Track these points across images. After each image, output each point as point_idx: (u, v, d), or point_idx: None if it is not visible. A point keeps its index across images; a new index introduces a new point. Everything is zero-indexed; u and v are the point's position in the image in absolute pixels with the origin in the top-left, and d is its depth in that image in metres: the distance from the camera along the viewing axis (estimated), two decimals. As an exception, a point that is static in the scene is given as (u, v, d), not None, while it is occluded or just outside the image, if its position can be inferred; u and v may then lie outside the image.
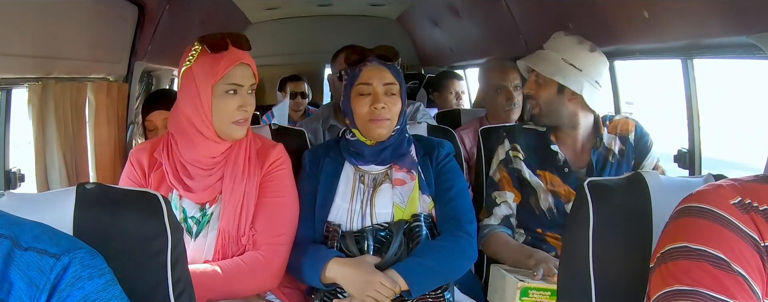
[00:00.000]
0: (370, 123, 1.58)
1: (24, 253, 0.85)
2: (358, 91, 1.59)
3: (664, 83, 2.07)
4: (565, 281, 1.18)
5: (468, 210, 1.62)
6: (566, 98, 1.76)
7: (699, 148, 2.00)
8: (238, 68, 1.47)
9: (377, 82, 1.58)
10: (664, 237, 0.91)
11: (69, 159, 2.02)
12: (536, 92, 1.80)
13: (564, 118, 1.79)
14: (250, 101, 1.50)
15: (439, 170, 1.64)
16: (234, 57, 1.46)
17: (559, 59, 1.76)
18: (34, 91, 1.83)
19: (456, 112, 3.04)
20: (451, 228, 1.57)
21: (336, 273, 1.50)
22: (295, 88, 3.92)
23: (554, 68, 1.76)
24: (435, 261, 1.51)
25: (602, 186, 1.14)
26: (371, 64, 1.59)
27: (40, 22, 1.69)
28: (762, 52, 1.43)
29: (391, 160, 1.63)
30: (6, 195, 1.05)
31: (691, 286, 0.82)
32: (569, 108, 1.77)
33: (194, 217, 1.50)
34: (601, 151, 1.79)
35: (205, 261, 1.48)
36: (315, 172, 1.63)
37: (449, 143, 1.71)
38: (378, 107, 1.56)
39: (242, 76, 1.48)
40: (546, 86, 1.78)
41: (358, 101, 1.59)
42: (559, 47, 1.79)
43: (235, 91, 1.47)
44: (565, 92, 1.76)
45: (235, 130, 1.49)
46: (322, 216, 1.59)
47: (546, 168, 1.79)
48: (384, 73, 1.59)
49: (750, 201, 0.86)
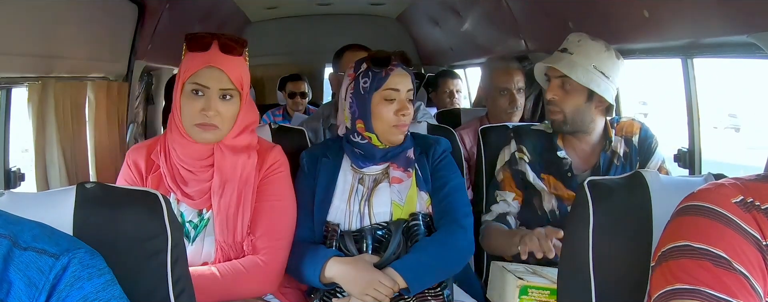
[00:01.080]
0: (393, 128, 1.57)
1: (23, 253, 0.85)
2: (383, 96, 1.56)
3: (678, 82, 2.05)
4: (566, 280, 1.18)
5: (463, 204, 1.62)
6: (594, 106, 1.72)
7: (699, 148, 2.00)
8: (207, 70, 1.41)
9: (403, 87, 1.57)
10: (665, 235, 0.91)
11: (69, 158, 2.02)
12: (562, 99, 1.72)
13: (586, 124, 1.75)
14: (216, 106, 1.42)
15: (434, 167, 1.64)
16: (205, 58, 1.41)
17: (590, 66, 1.69)
18: (34, 90, 1.84)
19: (456, 111, 3.04)
20: (447, 223, 1.57)
21: (335, 272, 1.50)
22: (295, 87, 3.92)
23: (588, 76, 1.69)
24: (431, 257, 1.51)
25: (602, 186, 1.14)
26: (397, 70, 1.58)
27: (40, 21, 1.69)
28: (762, 52, 1.43)
29: (390, 159, 1.63)
30: (6, 195, 1.05)
31: (692, 285, 0.82)
32: (592, 115, 1.73)
33: (192, 222, 1.48)
34: (609, 153, 1.78)
35: (204, 263, 1.47)
36: (313, 173, 1.63)
37: (446, 140, 1.70)
38: (406, 114, 1.56)
39: (209, 78, 1.41)
40: (575, 93, 1.71)
41: (382, 106, 1.56)
42: (590, 53, 1.71)
43: (200, 92, 1.42)
44: (593, 100, 1.71)
45: (197, 133, 1.44)
46: (321, 217, 1.59)
47: (550, 173, 1.77)
48: (407, 79, 1.59)
49: (752, 199, 0.86)
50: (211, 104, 1.42)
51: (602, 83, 1.69)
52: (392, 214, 1.57)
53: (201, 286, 1.34)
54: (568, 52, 1.73)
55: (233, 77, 1.43)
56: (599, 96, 1.70)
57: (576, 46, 1.73)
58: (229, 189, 1.47)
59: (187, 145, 1.47)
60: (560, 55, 1.73)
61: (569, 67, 1.69)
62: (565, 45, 1.75)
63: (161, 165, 1.49)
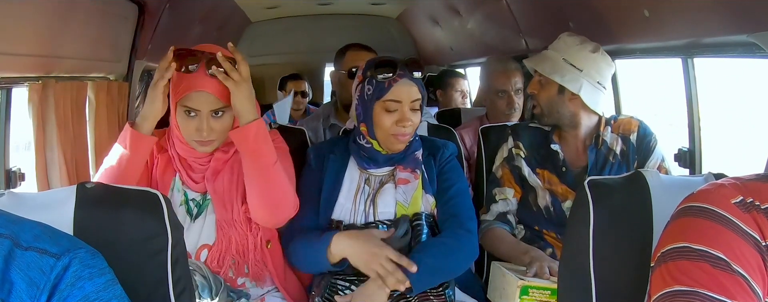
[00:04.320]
0: (392, 137, 1.56)
1: (24, 253, 0.85)
2: (384, 107, 1.54)
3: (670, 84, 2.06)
4: (566, 279, 1.18)
5: (468, 208, 1.63)
6: (566, 98, 1.77)
7: (699, 147, 2.00)
8: (195, 94, 1.42)
9: (406, 98, 1.53)
10: (664, 236, 0.91)
11: (69, 158, 2.02)
12: (539, 92, 1.81)
13: (565, 117, 1.79)
14: (209, 126, 1.44)
15: (441, 169, 1.64)
16: (192, 82, 1.41)
17: (559, 59, 1.77)
18: (35, 90, 1.84)
19: (456, 110, 3.04)
20: (452, 226, 1.57)
21: (342, 245, 1.48)
22: (296, 86, 3.92)
23: (553, 68, 1.77)
24: (437, 259, 1.51)
25: (602, 185, 1.14)
26: (402, 81, 1.53)
27: (40, 21, 1.69)
28: (762, 51, 1.43)
29: (396, 163, 1.63)
30: (6, 195, 1.05)
31: (691, 287, 0.82)
32: (570, 108, 1.78)
33: (195, 200, 1.53)
34: (602, 150, 1.79)
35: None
36: (319, 168, 1.64)
37: (453, 144, 1.71)
38: (407, 124, 1.54)
39: (198, 102, 1.43)
40: (547, 86, 1.79)
41: (382, 116, 1.55)
42: (561, 47, 1.79)
43: (193, 113, 1.44)
44: (565, 92, 1.77)
45: (197, 146, 1.49)
46: (326, 214, 1.59)
47: (545, 167, 1.80)
48: (413, 90, 1.54)
49: (752, 200, 0.86)
50: (204, 125, 1.44)
51: (568, 74, 1.75)
52: (396, 214, 1.58)
53: None
54: (547, 48, 1.83)
55: (223, 96, 1.43)
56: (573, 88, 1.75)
57: (555, 42, 1.83)
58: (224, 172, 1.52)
59: (188, 150, 1.53)
60: (541, 52, 1.85)
61: (539, 61, 1.82)
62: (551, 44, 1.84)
63: (170, 148, 1.54)
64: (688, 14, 1.61)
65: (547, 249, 1.71)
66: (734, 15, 1.45)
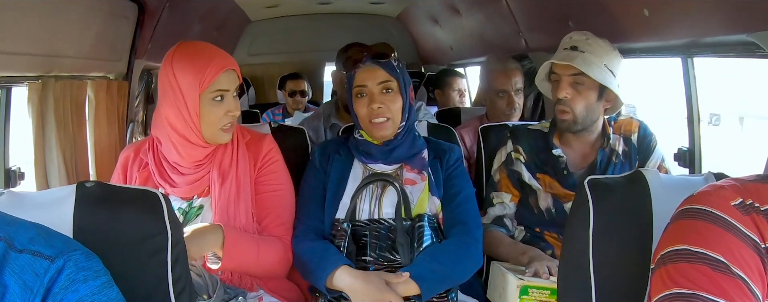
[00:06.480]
0: (371, 124, 1.59)
1: (19, 256, 0.83)
2: (355, 93, 1.60)
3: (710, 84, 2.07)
4: (566, 279, 1.18)
5: (475, 215, 1.62)
6: (602, 104, 1.71)
7: (699, 147, 2.00)
8: (224, 74, 1.46)
9: (371, 82, 1.58)
10: (664, 238, 0.91)
11: (69, 157, 2.02)
12: (574, 97, 1.69)
13: (593, 123, 1.74)
14: (235, 104, 1.49)
15: (448, 174, 1.64)
16: (220, 64, 1.45)
17: (602, 64, 1.68)
18: (34, 89, 1.83)
19: (456, 110, 3.04)
20: (459, 233, 1.57)
21: (345, 283, 1.46)
22: (295, 86, 3.92)
23: (603, 74, 1.67)
24: (445, 266, 1.50)
25: (602, 185, 1.13)
26: (365, 66, 1.60)
27: (40, 20, 1.69)
28: (762, 51, 1.43)
29: (403, 160, 1.63)
30: (6, 194, 1.05)
31: (690, 289, 0.82)
32: (599, 113, 1.73)
33: (180, 209, 1.51)
34: (607, 151, 1.77)
35: None
36: (324, 167, 1.64)
37: (458, 149, 1.71)
38: (374, 107, 1.56)
39: (228, 81, 1.47)
40: (586, 92, 1.68)
41: (357, 103, 1.60)
42: (600, 52, 1.69)
43: (222, 98, 1.47)
44: (602, 98, 1.70)
45: (223, 136, 1.50)
46: (331, 214, 1.59)
47: (546, 172, 1.77)
48: (377, 72, 1.58)
49: (752, 201, 0.86)
50: (233, 104, 1.49)
51: (613, 81, 1.69)
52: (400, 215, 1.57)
53: (234, 240, 1.40)
54: (579, 50, 1.69)
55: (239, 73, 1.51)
56: (608, 94, 1.70)
57: (586, 44, 1.70)
58: (229, 177, 1.51)
59: (195, 150, 1.50)
60: (573, 53, 1.69)
61: (586, 64, 1.66)
62: (573, 43, 1.72)
63: (149, 162, 1.53)
64: (688, 14, 1.61)
65: (547, 250, 1.70)
66: (734, 14, 1.45)
